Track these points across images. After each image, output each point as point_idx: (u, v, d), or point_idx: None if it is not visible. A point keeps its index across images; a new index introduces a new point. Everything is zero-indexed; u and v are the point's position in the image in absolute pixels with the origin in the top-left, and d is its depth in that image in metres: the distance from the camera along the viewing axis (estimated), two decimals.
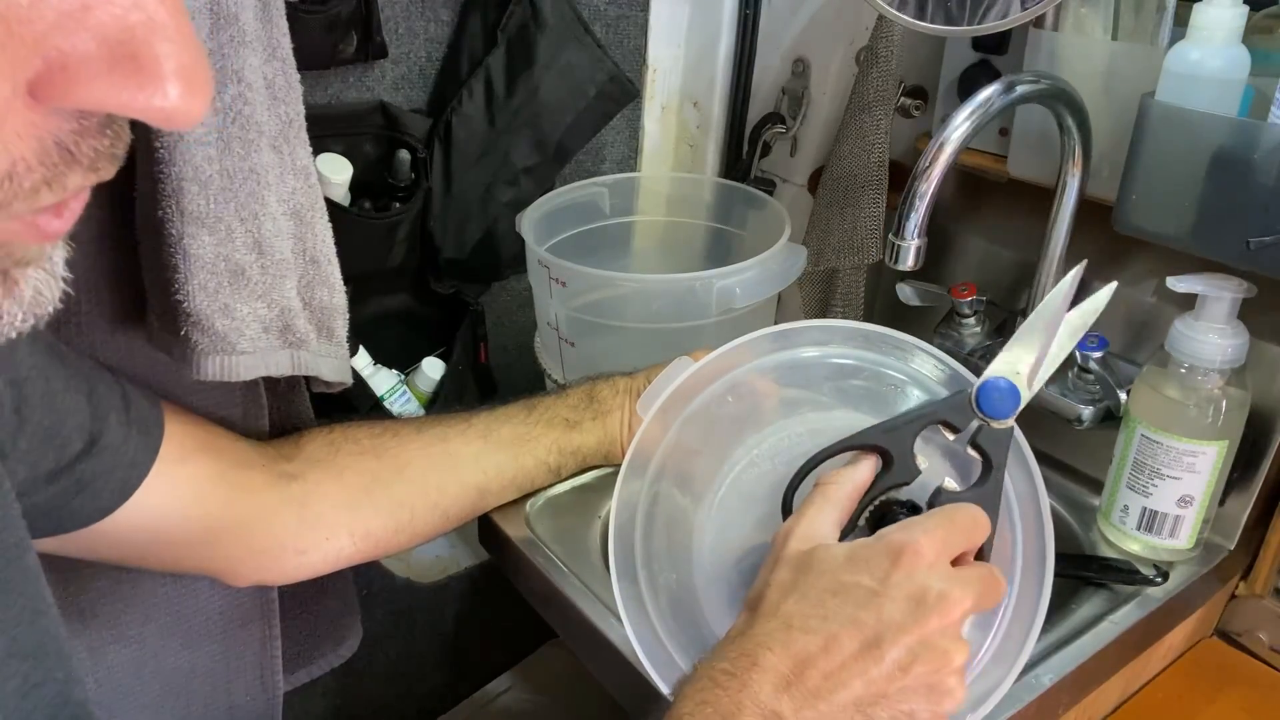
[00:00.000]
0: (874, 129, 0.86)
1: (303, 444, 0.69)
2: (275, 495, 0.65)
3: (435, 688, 1.14)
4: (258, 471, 0.65)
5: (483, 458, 0.73)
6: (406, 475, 0.70)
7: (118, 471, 0.56)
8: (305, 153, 0.62)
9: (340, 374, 0.68)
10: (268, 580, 0.68)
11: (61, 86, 0.23)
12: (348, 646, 0.83)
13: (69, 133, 0.24)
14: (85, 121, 0.25)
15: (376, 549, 0.70)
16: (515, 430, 0.74)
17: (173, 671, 0.69)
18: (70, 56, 0.23)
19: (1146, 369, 0.71)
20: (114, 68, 0.23)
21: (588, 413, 0.76)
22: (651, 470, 0.60)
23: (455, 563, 1.09)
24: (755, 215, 0.97)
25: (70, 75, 0.23)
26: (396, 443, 0.70)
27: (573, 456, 0.76)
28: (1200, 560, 0.74)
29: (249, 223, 0.58)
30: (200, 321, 0.57)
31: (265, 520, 0.65)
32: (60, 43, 0.23)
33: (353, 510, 0.68)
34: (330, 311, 0.66)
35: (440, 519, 0.72)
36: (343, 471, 0.68)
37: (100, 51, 0.23)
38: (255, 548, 0.65)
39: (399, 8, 0.84)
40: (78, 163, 0.25)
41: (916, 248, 0.70)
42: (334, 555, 0.68)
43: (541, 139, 0.92)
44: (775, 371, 0.61)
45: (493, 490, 0.74)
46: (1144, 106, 0.68)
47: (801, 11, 0.99)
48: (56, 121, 0.24)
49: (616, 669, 0.68)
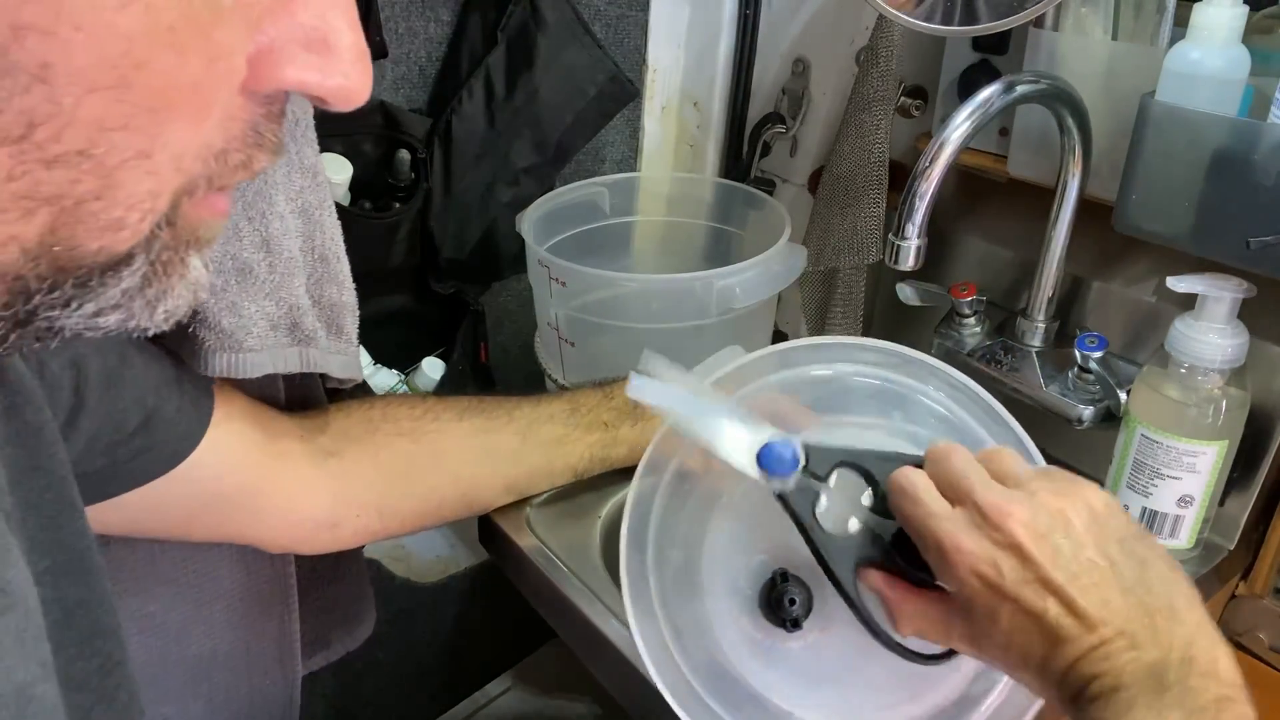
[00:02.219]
0: (874, 129, 0.86)
1: (342, 419, 0.69)
2: (313, 469, 0.66)
3: (435, 688, 1.14)
4: (297, 444, 0.66)
5: (520, 457, 0.73)
6: (442, 464, 0.71)
7: (170, 443, 0.57)
8: (313, 151, 0.62)
9: (350, 371, 0.68)
10: (299, 549, 0.69)
11: (267, 69, 0.26)
12: (363, 629, 0.83)
13: (261, 117, 0.27)
14: (272, 107, 0.27)
15: (402, 528, 0.71)
16: (555, 431, 0.74)
17: (195, 659, 0.69)
18: (276, 40, 0.26)
19: (1146, 369, 0.72)
20: (308, 51, 0.26)
21: (628, 418, 0.76)
22: (673, 464, 0.59)
23: (455, 563, 1.09)
24: (755, 215, 0.97)
25: (275, 59, 0.26)
26: (436, 428, 0.70)
27: (601, 464, 0.77)
28: (1200, 560, 0.74)
29: (256, 221, 0.58)
30: (207, 319, 0.57)
31: (303, 492, 0.65)
32: (269, 27, 0.25)
33: (385, 492, 0.69)
34: (340, 309, 0.66)
35: (465, 508, 0.74)
36: (379, 451, 0.69)
37: (299, 36, 0.26)
38: (291, 519, 0.66)
39: (399, 8, 0.84)
40: (264, 146, 0.28)
41: (916, 248, 0.70)
42: (363, 531, 0.69)
43: (541, 139, 0.92)
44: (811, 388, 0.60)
45: (519, 487, 0.75)
46: (1144, 106, 0.68)
47: (801, 11, 0.99)
48: (254, 105, 0.27)
49: (616, 669, 0.68)
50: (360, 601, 0.83)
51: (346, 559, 0.78)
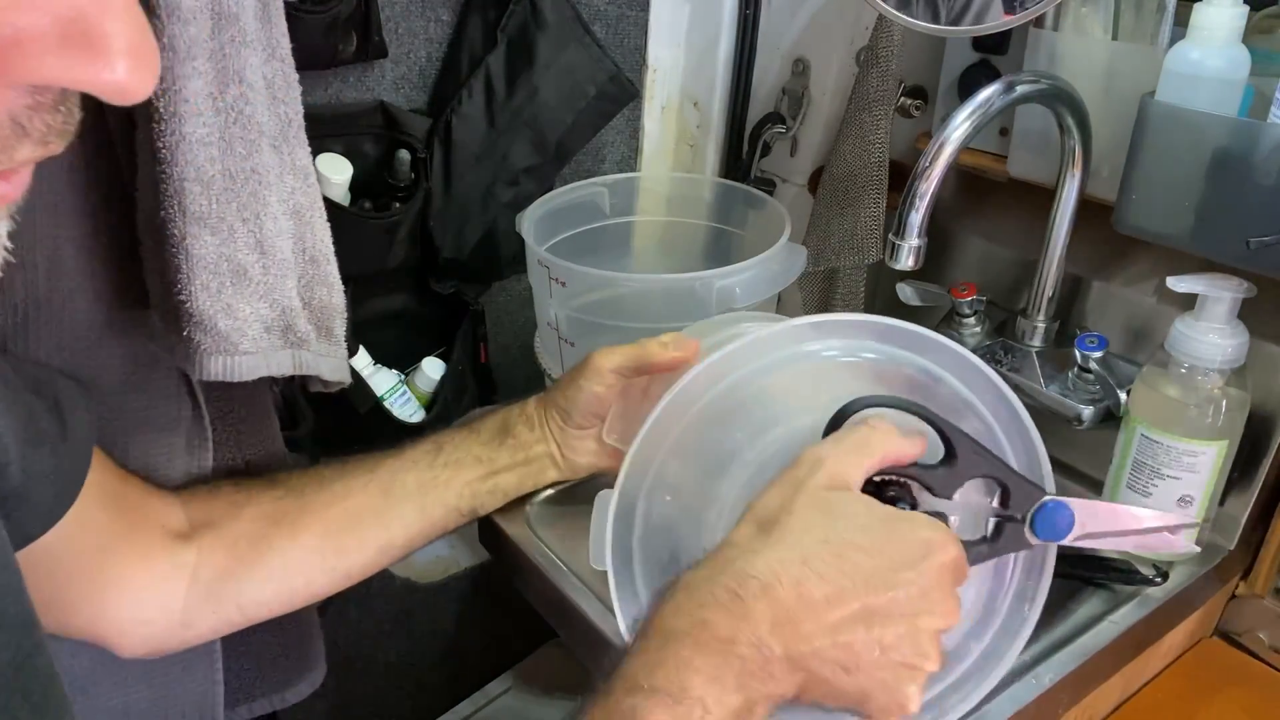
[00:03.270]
0: (874, 129, 0.86)
1: (210, 501, 0.67)
2: (167, 563, 0.63)
3: (435, 688, 1.14)
4: (156, 535, 0.63)
5: (385, 513, 0.70)
6: (301, 541, 0.67)
7: (44, 500, 0.54)
8: (304, 153, 0.62)
9: (339, 374, 0.68)
10: (154, 651, 0.65)
11: (16, 62, 0.24)
12: (304, 684, 0.79)
13: (23, 108, 0.26)
14: (40, 97, 0.26)
15: (269, 614, 0.68)
16: (420, 477, 0.71)
17: (106, 711, 0.67)
18: (24, 33, 0.24)
19: (1146, 369, 0.71)
20: (66, 44, 0.25)
21: (503, 448, 0.74)
22: (650, 478, 0.58)
23: (455, 563, 1.09)
24: (755, 215, 0.97)
25: (24, 51, 0.24)
26: (297, 506, 0.68)
27: (491, 495, 0.74)
28: (1200, 560, 0.74)
29: (251, 223, 0.58)
30: (203, 322, 0.57)
31: (154, 588, 0.63)
32: (15, 20, 0.24)
33: (241, 582, 0.65)
34: (330, 311, 0.66)
35: (341, 578, 0.69)
36: (237, 540, 0.66)
37: (54, 29, 0.24)
38: (141, 616, 0.63)
39: (399, 8, 0.84)
40: (29, 136, 0.26)
41: (916, 248, 0.70)
42: (222, 625, 0.66)
43: (541, 139, 0.92)
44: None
45: (397, 545, 0.70)
46: (1144, 106, 0.68)
47: (801, 11, 0.99)
48: (11, 96, 0.25)
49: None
50: (301, 656, 0.78)
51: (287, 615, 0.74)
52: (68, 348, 0.59)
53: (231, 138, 0.56)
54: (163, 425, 0.65)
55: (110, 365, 0.61)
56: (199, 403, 0.67)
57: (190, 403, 0.66)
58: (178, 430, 0.66)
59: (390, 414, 0.91)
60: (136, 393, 0.63)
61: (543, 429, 0.75)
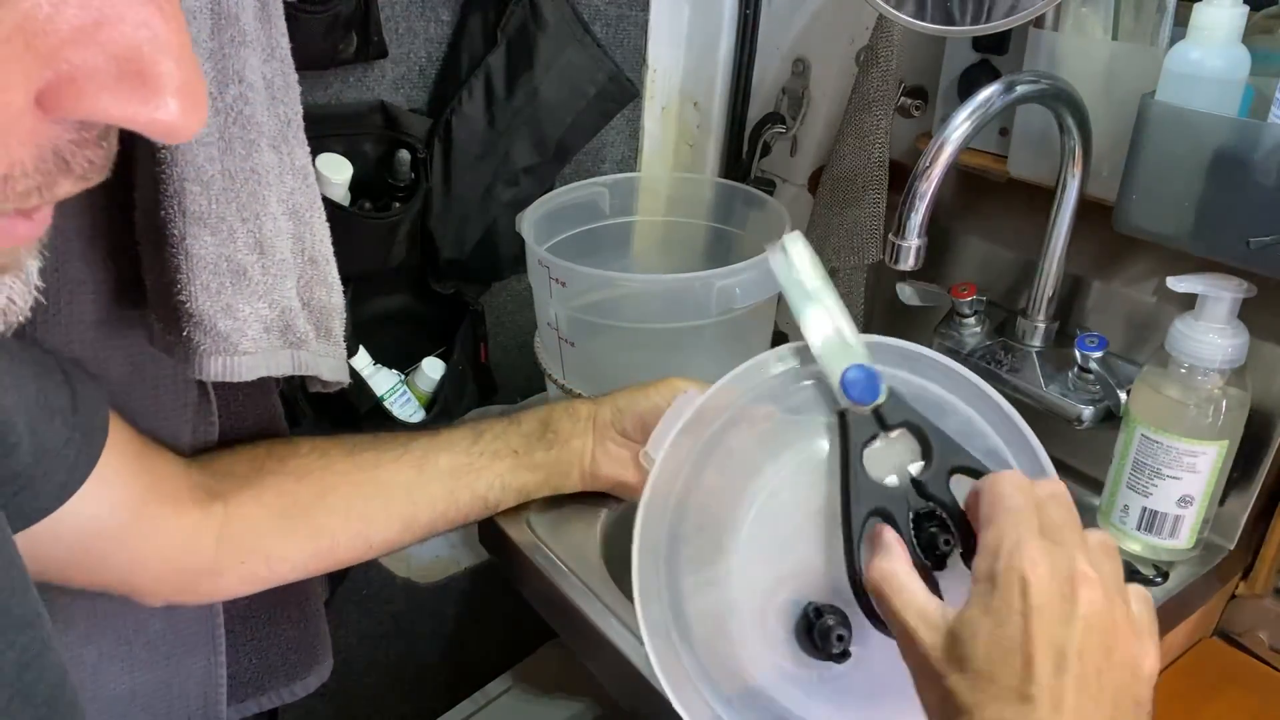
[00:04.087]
0: (874, 129, 0.86)
1: (232, 461, 0.68)
2: (197, 514, 0.64)
3: (435, 688, 1.14)
4: (184, 488, 0.64)
5: (414, 489, 0.70)
6: (328, 502, 0.68)
7: (57, 475, 0.55)
8: (304, 152, 0.62)
9: (338, 374, 0.68)
10: (181, 600, 0.66)
11: (71, 98, 0.24)
12: (312, 677, 0.79)
13: (68, 143, 0.26)
14: (85, 133, 0.26)
15: (293, 573, 0.68)
16: (455, 460, 0.71)
17: (112, 697, 0.67)
18: (80, 70, 0.24)
19: (1146, 369, 0.71)
20: (121, 82, 0.25)
21: (540, 443, 0.74)
22: (672, 508, 0.55)
23: (455, 563, 1.09)
24: (755, 215, 0.97)
25: (79, 88, 0.24)
26: (322, 465, 0.68)
27: (515, 493, 0.74)
28: (1200, 560, 0.74)
29: (250, 223, 0.58)
30: (203, 322, 0.57)
31: (185, 539, 0.63)
32: (72, 56, 0.24)
33: (270, 535, 0.66)
34: (328, 311, 0.66)
35: (365, 548, 0.70)
36: (263, 493, 0.66)
37: (109, 66, 0.24)
38: (172, 566, 0.64)
39: (399, 8, 0.84)
40: (71, 172, 0.26)
41: (916, 248, 0.70)
42: (249, 578, 0.66)
43: (541, 139, 0.92)
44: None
45: (420, 523, 0.71)
46: (1144, 106, 0.68)
47: (801, 11, 0.99)
48: (58, 131, 0.25)
49: (616, 669, 0.68)
50: (307, 648, 0.79)
51: (288, 601, 0.75)
52: (76, 340, 0.60)
53: (231, 138, 0.56)
54: (169, 414, 0.66)
55: (114, 361, 0.62)
56: (208, 394, 0.67)
57: (197, 390, 0.67)
58: (183, 421, 0.67)
59: (390, 414, 0.92)
60: (141, 388, 0.64)
61: (586, 423, 0.75)
